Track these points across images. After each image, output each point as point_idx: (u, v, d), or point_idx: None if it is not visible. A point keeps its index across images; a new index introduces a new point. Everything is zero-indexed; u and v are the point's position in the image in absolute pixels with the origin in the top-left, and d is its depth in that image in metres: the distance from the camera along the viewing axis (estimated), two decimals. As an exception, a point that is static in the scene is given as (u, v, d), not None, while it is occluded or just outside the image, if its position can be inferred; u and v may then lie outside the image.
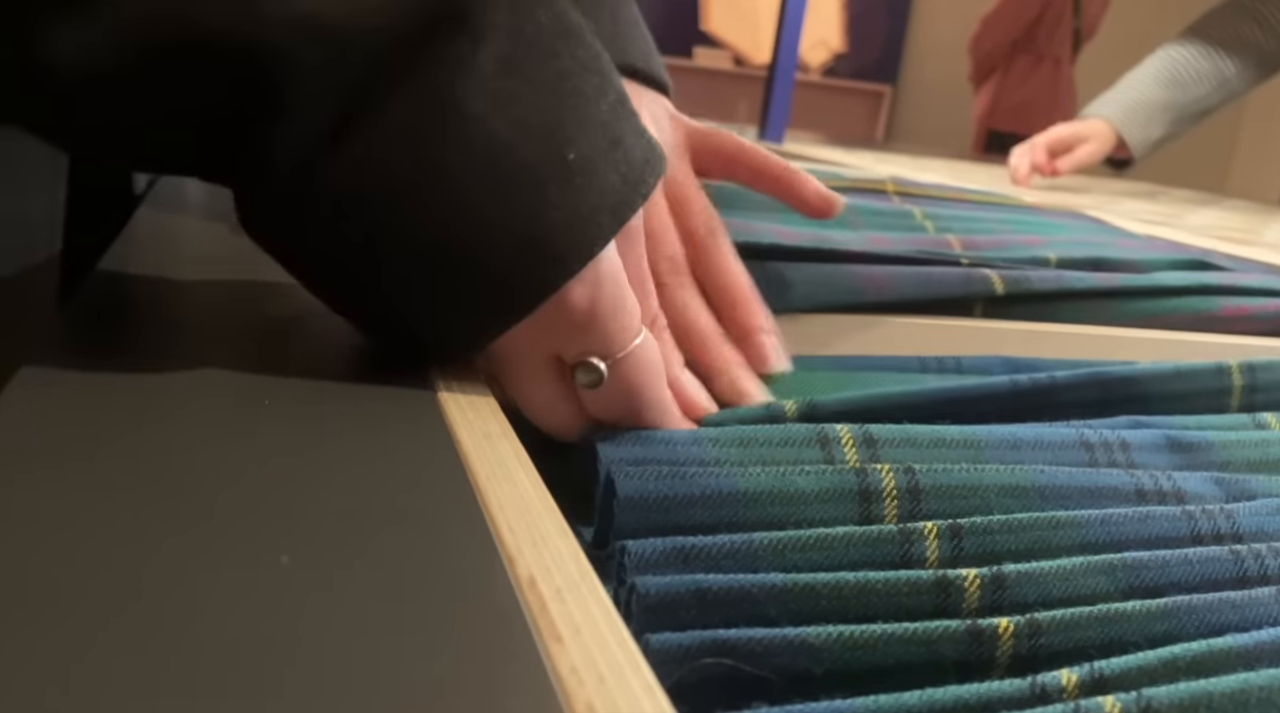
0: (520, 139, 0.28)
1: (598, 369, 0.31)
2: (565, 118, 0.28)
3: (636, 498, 0.28)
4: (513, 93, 0.28)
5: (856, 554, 0.28)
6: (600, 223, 0.29)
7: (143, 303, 0.37)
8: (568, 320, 0.30)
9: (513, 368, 0.32)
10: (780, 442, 0.33)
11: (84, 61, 0.25)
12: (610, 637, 0.19)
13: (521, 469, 0.26)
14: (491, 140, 0.27)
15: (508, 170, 0.28)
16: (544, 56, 0.28)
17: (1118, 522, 0.30)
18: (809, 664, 0.23)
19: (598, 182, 0.29)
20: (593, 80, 0.29)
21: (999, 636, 0.25)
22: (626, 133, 0.30)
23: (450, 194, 0.27)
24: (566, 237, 0.28)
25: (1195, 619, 0.26)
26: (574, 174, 0.28)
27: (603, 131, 0.29)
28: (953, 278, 0.52)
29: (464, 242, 0.28)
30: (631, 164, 0.30)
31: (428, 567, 0.21)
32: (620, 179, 0.29)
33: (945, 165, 1.66)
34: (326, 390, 0.30)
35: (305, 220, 0.28)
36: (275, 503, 0.22)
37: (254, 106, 0.27)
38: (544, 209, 0.28)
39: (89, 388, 0.27)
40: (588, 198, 0.29)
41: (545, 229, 0.28)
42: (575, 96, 0.29)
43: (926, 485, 0.31)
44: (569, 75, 0.29)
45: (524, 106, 0.28)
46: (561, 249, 0.29)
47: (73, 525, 0.20)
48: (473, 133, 0.27)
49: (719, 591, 0.25)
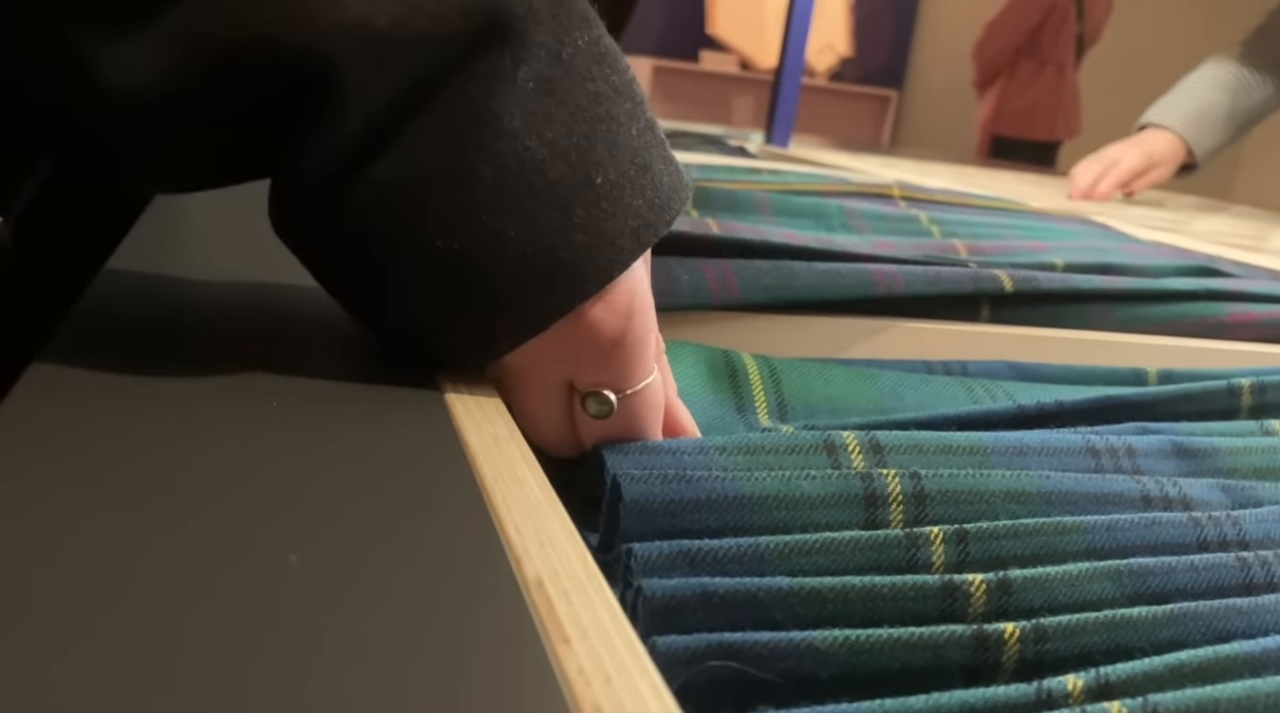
0: (551, 158, 0.28)
1: (609, 401, 0.32)
2: (597, 141, 0.29)
3: (642, 502, 0.28)
4: (548, 112, 0.28)
5: (862, 559, 0.28)
6: (622, 247, 0.29)
7: (150, 303, 0.37)
8: (594, 348, 0.31)
9: (525, 384, 0.32)
10: (787, 449, 0.33)
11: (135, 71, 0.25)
12: (617, 638, 0.19)
13: (529, 471, 0.26)
14: (524, 157, 0.28)
15: (537, 187, 0.28)
16: (580, 79, 0.29)
17: (1124, 528, 0.30)
18: (815, 668, 0.23)
19: (623, 206, 0.29)
20: (625, 106, 0.30)
21: (1005, 641, 0.25)
22: (655, 160, 0.30)
23: (477, 205, 0.28)
24: (588, 258, 0.29)
25: (1201, 626, 0.26)
26: (601, 198, 0.29)
27: (632, 157, 0.30)
28: (962, 276, 0.52)
29: (487, 252, 0.28)
30: (658, 191, 0.30)
31: (435, 567, 0.21)
32: (645, 205, 0.30)
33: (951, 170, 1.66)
34: (334, 391, 0.30)
35: (335, 223, 0.29)
36: (283, 503, 0.22)
37: (298, 111, 0.27)
38: (569, 229, 0.28)
39: (97, 387, 0.27)
40: (612, 222, 0.29)
41: (568, 248, 0.29)
42: (608, 121, 0.29)
43: (932, 491, 0.31)
44: (603, 100, 0.29)
45: (557, 127, 0.28)
46: (583, 270, 0.29)
47: (80, 524, 0.20)
48: (505, 148, 0.28)
49: (725, 594, 0.25)
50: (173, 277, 0.40)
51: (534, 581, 0.20)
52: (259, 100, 0.27)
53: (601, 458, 0.31)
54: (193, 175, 0.30)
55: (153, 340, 0.33)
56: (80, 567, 0.19)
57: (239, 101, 0.27)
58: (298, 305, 0.38)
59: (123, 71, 0.25)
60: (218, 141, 0.28)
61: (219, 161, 0.29)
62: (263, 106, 0.27)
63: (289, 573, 0.20)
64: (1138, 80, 3.97)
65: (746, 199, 0.69)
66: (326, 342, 0.35)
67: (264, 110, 0.27)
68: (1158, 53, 3.98)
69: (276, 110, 0.27)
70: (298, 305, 0.38)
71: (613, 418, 0.32)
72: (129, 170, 0.30)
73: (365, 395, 0.30)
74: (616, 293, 0.30)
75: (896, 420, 0.40)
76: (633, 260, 0.30)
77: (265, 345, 0.34)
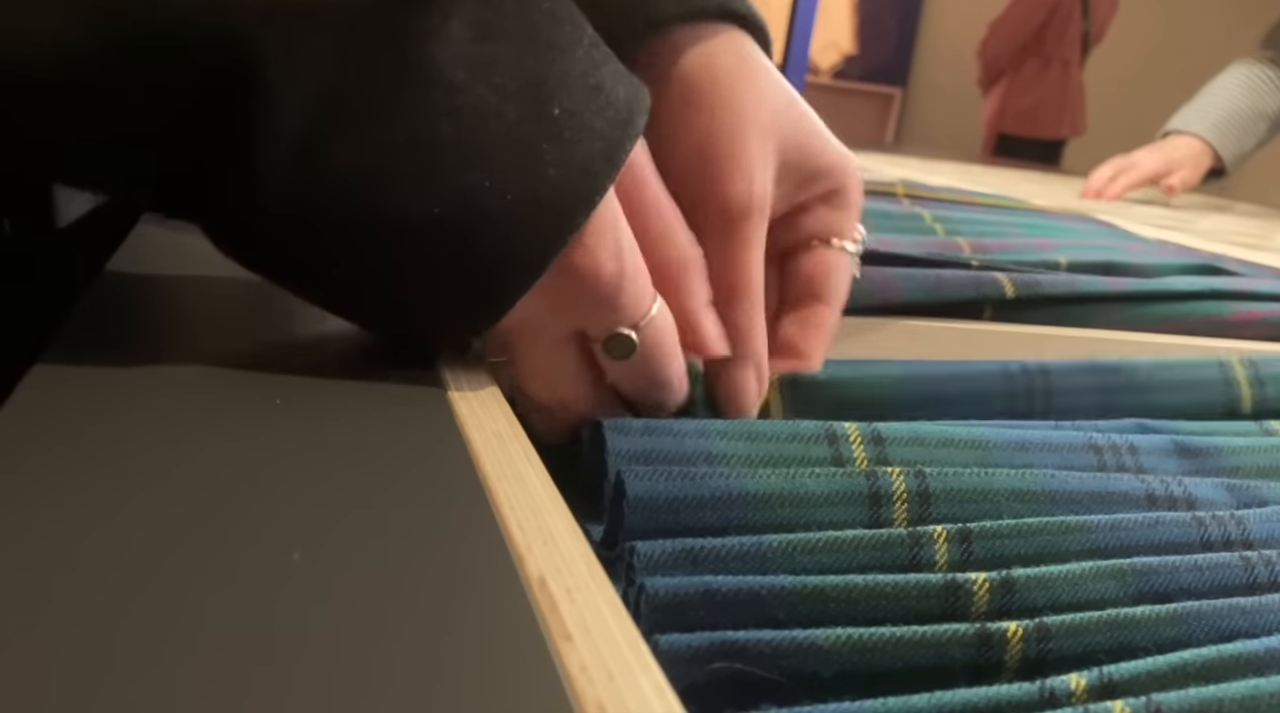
0: (505, 102, 0.27)
1: (630, 339, 0.31)
2: (545, 74, 0.28)
3: (646, 499, 0.28)
4: (490, 57, 0.27)
5: (866, 557, 0.28)
6: (596, 172, 0.29)
7: (153, 302, 0.37)
8: (597, 294, 0.30)
9: (533, 347, 0.32)
10: (788, 437, 0.33)
11: (49, 62, 0.25)
12: (620, 636, 0.19)
13: (531, 468, 0.26)
14: (479, 107, 0.27)
15: (499, 134, 0.27)
16: (513, 14, 0.28)
17: (1127, 527, 0.30)
18: (818, 667, 0.23)
19: (587, 131, 0.29)
20: (565, 29, 0.29)
21: (1008, 639, 0.25)
22: (606, 77, 0.30)
23: (445, 165, 0.27)
24: (566, 191, 0.28)
25: (1205, 625, 0.26)
26: (563, 129, 0.28)
27: (583, 80, 0.29)
28: (963, 282, 0.52)
29: (468, 210, 0.28)
30: (617, 108, 0.30)
31: (438, 565, 0.21)
32: (607, 124, 0.29)
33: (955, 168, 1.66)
34: (336, 389, 0.30)
35: (298, 224, 0.28)
36: (285, 501, 0.22)
37: (229, 98, 0.26)
38: (540, 167, 0.28)
39: (99, 386, 0.27)
40: (579, 148, 0.28)
41: (544, 187, 0.28)
42: (551, 49, 0.28)
43: (936, 489, 0.30)
44: (540, 29, 0.28)
45: (503, 69, 0.27)
46: (564, 204, 0.28)
47: (83, 523, 0.20)
48: (459, 102, 0.27)
49: (728, 592, 0.25)
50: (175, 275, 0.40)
51: (536, 578, 0.20)
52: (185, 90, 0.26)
53: (603, 437, 0.31)
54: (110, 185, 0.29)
55: (155, 339, 0.33)
56: (82, 565, 0.19)
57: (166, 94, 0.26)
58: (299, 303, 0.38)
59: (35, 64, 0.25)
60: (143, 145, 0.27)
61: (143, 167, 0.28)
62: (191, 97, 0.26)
63: (292, 571, 0.20)
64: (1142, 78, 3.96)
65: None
66: (328, 340, 0.35)
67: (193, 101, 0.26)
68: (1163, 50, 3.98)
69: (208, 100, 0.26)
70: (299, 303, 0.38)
71: (639, 353, 0.32)
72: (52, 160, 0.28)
73: (367, 393, 0.30)
74: (601, 233, 0.30)
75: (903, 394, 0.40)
76: (610, 183, 0.29)
77: (267, 343, 0.34)
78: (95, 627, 0.17)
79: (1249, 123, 1.44)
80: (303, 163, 0.27)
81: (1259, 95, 1.43)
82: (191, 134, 0.27)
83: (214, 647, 0.17)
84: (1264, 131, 1.46)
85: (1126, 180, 1.39)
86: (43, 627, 0.17)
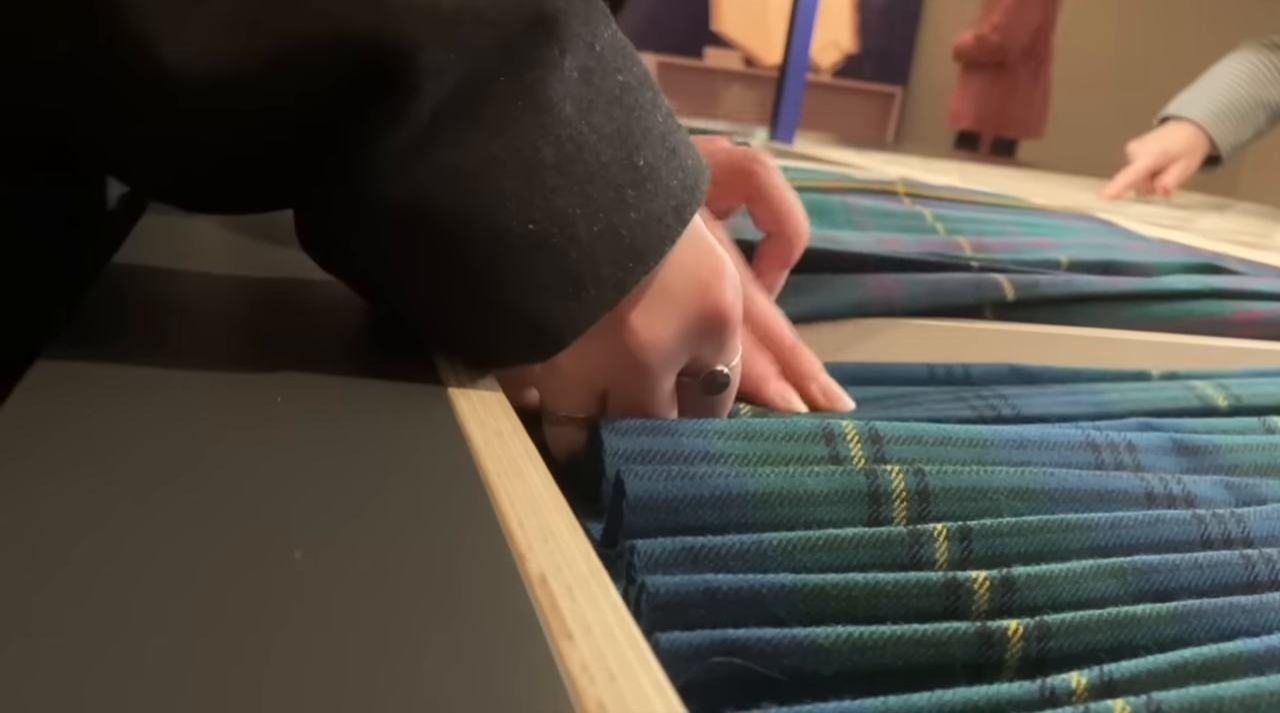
0: (600, 142, 0.30)
1: (726, 375, 0.34)
2: (633, 127, 0.30)
3: (646, 498, 0.28)
4: (590, 100, 0.30)
5: (866, 556, 0.28)
6: (669, 223, 0.31)
7: (155, 299, 0.37)
8: (725, 329, 0.33)
9: (657, 375, 0.33)
10: (785, 436, 0.33)
11: (197, 60, 0.25)
12: (621, 635, 0.19)
13: (532, 466, 0.26)
14: (579, 141, 0.29)
15: (593, 170, 0.29)
16: (610, 70, 0.30)
17: (1127, 525, 0.30)
18: (818, 665, 0.23)
19: (662, 186, 0.31)
20: (647, 94, 0.31)
21: (1008, 638, 0.25)
22: (679, 143, 0.32)
23: (545, 187, 0.29)
24: (643, 236, 0.30)
25: (1205, 624, 0.26)
26: (644, 179, 0.30)
27: (662, 141, 0.31)
28: (963, 285, 0.52)
29: (560, 231, 0.29)
30: (686, 171, 0.32)
31: (438, 563, 0.21)
32: (680, 185, 0.32)
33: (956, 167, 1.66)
34: (338, 387, 0.30)
35: (401, 218, 0.29)
36: (287, 498, 0.22)
37: (362, 102, 0.27)
38: (624, 208, 0.30)
39: (102, 383, 0.27)
40: (656, 201, 0.31)
41: (626, 226, 0.30)
42: (637, 109, 0.31)
43: (936, 488, 0.30)
44: (630, 89, 0.31)
45: (599, 114, 0.30)
46: (640, 247, 0.30)
47: (85, 520, 0.20)
48: (563, 133, 0.29)
49: (728, 591, 0.25)
50: (176, 272, 0.40)
51: (537, 577, 0.20)
52: (322, 92, 0.27)
53: (600, 439, 0.31)
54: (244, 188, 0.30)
55: (156, 337, 0.33)
56: (84, 563, 0.19)
57: (303, 93, 0.27)
58: (301, 302, 0.38)
59: (184, 60, 0.25)
60: (274, 141, 0.28)
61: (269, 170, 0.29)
62: (325, 99, 0.27)
63: (293, 569, 0.20)
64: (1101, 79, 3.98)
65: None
66: (330, 338, 0.35)
67: (326, 104, 0.27)
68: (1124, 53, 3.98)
69: (345, 105, 0.27)
70: (301, 302, 0.38)
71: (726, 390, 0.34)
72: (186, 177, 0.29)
73: (368, 391, 0.30)
74: (732, 277, 0.33)
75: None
76: (678, 236, 0.31)
77: (268, 341, 0.34)
78: (95, 624, 0.17)
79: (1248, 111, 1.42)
80: (416, 155, 0.28)
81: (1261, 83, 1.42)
82: (322, 127, 0.28)
83: (215, 645, 0.17)
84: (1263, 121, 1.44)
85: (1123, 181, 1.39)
86: (44, 625, 0.17)
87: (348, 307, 0.37)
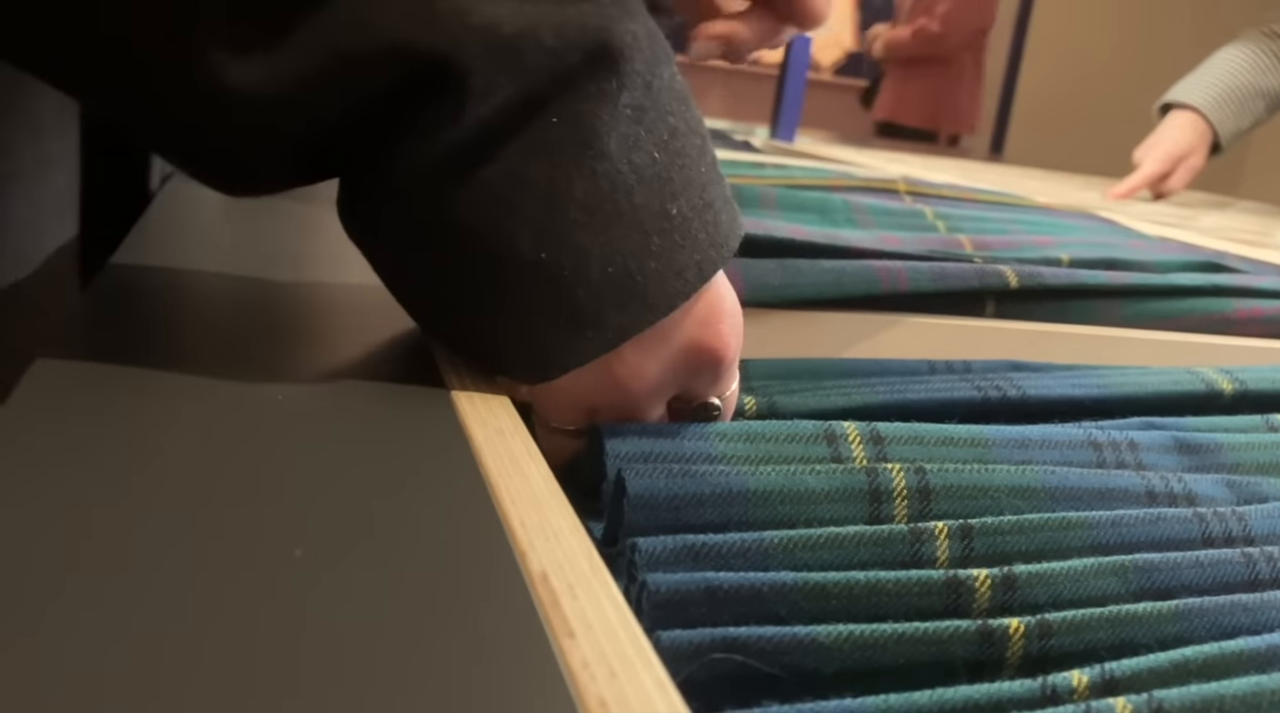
0: (637, 184, 0.29)
1: (719, 407, 0.34)
2: (673, 173, 0.30)
3: (647, 496, 0.28)
4: (636, 139, 0.29)
5: (867, 554, 0.28)
6: (687, 278, 0.30)
7: (157, 296, 0.37)
8: (716, 366, 0.33)
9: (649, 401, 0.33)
10: (786, 437, 0.33)
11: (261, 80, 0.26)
12: (622, 632, 0.19)
13: (533, 464, 0.26)
14: (615, 178, 0.29)
15: (623, 210, 0.29)
16: (664, 112, 0.30)
17: (1129, 523, 0.30)
18: (819, 663, 0.23)
19: (690, 239, 0.30)
20: (695, 142, 0.31)
21: (1009, 636, 0.25)
22: (716, 197, 0.32)
23: (568, 219, 0.28)
24: (659, 285, 0.30)
25: (1206, 622, 0.26)
26: (674, 229, 0.30)
27: (700, 193, 0.31)
28: (967, 272, 0.52)
29: (572, 266, 0.29)
30: (718, 227, 0.31)
31: (440, 561, 0.21)
32: (708, 240, 0.31)
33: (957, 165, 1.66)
34: (339, 386, 0.30)
35: (426, 221, 0.29)
36: (288, 496, 0.22)
37: (412, 112, 0.27)
38: (646, 256, 0.29)
39: (103, 381, 0.27)
40: (681, 253, 0.30)
41: (642, 273, 0.29)
42: (683, 155, 0.30)
43: (937, 486, 0.30)
44: (679, 134, 0.30)
45: (643, 154, 0.29)
46: (652, 296, 0.30)
47: (86, 518, 0.20)
48: (600, 168, 0.28)
49: (729, 589, 0.25)
50: (177, 271, 0.40)
51: (538, 574, 0.20)
52: (374, 102, 0.27)
53: (601, 441, 0.31)
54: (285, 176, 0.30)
55: (157, 335, 0.33)
56: (84, 562, 0.19)
57: (356, 103, 0.27)
58: (302, 300, 0.38)
59: (248, 79, 0.26)
60: (321, 142, 0.28)
61: (313, 161, 0.29)
62: (376, 108, 0.27)
63: (294, 566, 0.20)
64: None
65: (751, 194, 0.69)
66: (331, 336, 0.35)
67: (375, 112, 0.27)
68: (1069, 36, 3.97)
69: (389, 112, 0.27)
70: (302, 300, 0.38)
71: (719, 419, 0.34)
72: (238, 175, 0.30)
73: (369, 390, 0.30)
74: (735, 316, 0.33)
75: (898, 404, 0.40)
76: (694, 292, 0.31)
77: (270, 340, 0.34)
78: (96, 626, 0.17)
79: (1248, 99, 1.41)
80: (450, 165, 0.28)
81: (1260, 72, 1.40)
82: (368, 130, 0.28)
83: (215, 644, 0.17)
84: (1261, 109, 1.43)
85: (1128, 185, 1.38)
86: (45, 626, 0.17)
87: (349, 305, 0.37)
